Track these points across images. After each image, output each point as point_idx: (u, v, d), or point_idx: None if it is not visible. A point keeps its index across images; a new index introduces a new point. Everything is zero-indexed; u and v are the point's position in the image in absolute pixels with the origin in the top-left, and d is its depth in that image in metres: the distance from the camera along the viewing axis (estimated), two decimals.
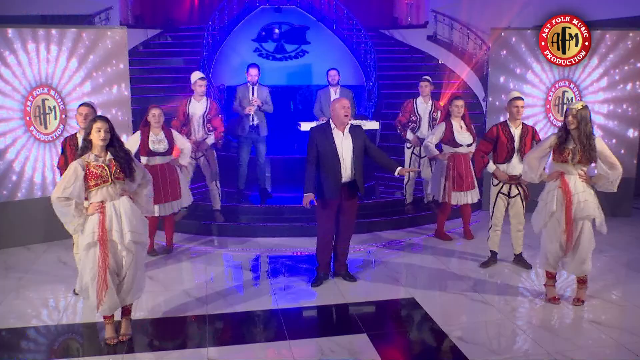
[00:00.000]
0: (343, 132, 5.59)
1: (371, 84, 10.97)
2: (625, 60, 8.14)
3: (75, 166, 4.35)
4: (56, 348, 4.65)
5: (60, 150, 5.77)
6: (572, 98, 8.27)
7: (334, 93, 8.40)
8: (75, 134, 5.66)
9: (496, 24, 10.37)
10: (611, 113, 8.29)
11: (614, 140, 8.25)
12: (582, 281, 5.36)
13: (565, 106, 8.30)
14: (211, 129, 7.60)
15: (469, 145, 7.08)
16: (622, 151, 8.18)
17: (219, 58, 12.16)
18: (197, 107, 7.57)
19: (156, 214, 6.48)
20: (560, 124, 8.18)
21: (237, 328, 5.06)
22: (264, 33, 12.72)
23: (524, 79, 8.40)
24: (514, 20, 11.27)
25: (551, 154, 5.24)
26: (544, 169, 5.34)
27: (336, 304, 5.42)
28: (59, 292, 5.69)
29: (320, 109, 8.49)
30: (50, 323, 5.04)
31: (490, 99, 8.57)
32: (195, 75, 7.64)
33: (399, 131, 8.20)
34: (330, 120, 5.68)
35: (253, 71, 8.20)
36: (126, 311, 4.70)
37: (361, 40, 12.37)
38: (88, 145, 4.43)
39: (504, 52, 8.43)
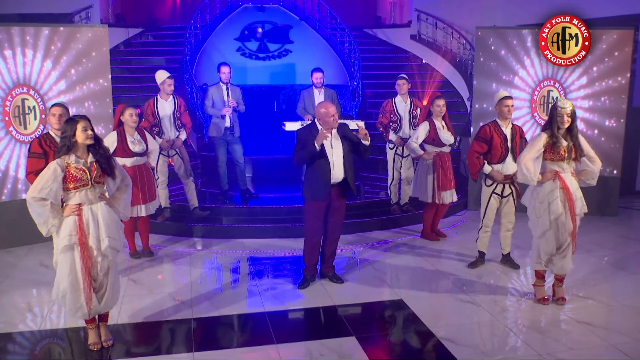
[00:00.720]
0: (331, 133, 5.50)
1: (355, 83, 10.91)
2: (608, 58, 8.14)
3: (54, 167, 4.20)
4: (37, 354, 4.53)
5: (30, 152, 5.49)
6: (557, 97, 8.26)
7: (318, 93, 8.33)
8: (48, 132, 5.51)
9: (479, 23, 10.39)
10: (596, 112, 8.30)
11: (602, 138, 8.27)
12: (561, 279, 5.36)
13: (550, 105, 8.29)
14: (181, 125, 7.54)
15: (450, 145, 7.07)
16: (609, 148, 8.22)
17: (201, 57, 12.03)
18: (166, 106, 7.49)
19: (134, 215, 6.36)
20: (545, 122, 8.30)
21: (223, 332, 4.96)
22: (246, 32, 12.60)
23: (509, 79, 8.38)
24: (498, 19, 11.29)
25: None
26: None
27: (324, 306, 5.35)
28: (40, 297, 5.55)
29: (304, 109, 8.41)
30: (32, 328, 4.89)
31: (475, 101, 8.54)
32: (163, 74, 7.52)
33: (381, 132, 8.12)
34: (316, 121, 5.59)
35: (225, 69, 8.06)
36: (104, 317, 4.58)
37: (345, 39, 12.30)
38: (70, 145, 4.25)
39: (489, 51, 8.40)
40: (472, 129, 8.69)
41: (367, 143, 5.48)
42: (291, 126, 8.10)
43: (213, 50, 12.23)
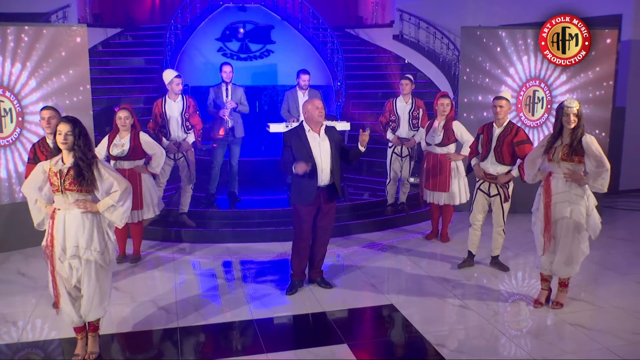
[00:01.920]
0: (319, 134, 5.38)
1: (339, 84, 10.80)
2: (593, 58, 8.12)
3: (40, 168, 4.19)
4: None
5: (27, 159, 5.45)
6: (542, 97, 8.24)
7: (302, 95, 8.20)
8: (44, 137, 5.38)
9: (462, 23, 10.35)
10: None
11: None
12: (563, 284, 5.28)
13: (536, 105, 8.28)
14: (190, 127, 7.31)
15: (439, 145, 6.96)
16: None
17: (182, 58, 11.83)
18: (174, 106, 7.25)
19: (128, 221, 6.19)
20: (531, 122, 8.29)
21: (211, 341, 4.81)
22: (228, 32, 12.42)
23: (495, 79, 8.32)
24: (480, 19, 11.27)
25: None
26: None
27: (314, 312, 5.22)
28: (17, 306, 5.33)
29: (287, 110, 8.27)
30: (10, 341, 4.69)
31: (461, 101, 8.47)
32: (171, 74, 7.29)
33: (380, 131, 8.06)
34: (304, 122, 5.46)
35: (227, 68, 7.94)
36: (91, 327, 4.40)
37: (327, 39, 12.18)
38: (56, 148, 4.17)
39: (475, 51, 8.34)
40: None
41: (362, 149, 5.32)
42: (275, 128, 7.97)
43: (194, 51, 12.04)
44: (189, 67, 11.61)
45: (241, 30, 12.38)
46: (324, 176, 5.38)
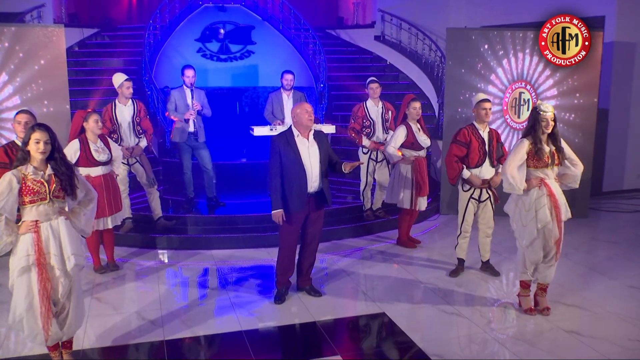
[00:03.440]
0: (308, 139, 5.23)
1: (322, 85, 10.65)
2: (579, 60, 8.08)
3: (10, 177, 3.81)
4: None
5: None
6: (528, 99, 8.19)
7: (287, 97, 8.05)
8: (14, 141, 5.15)
9: (445, 24, 10.29)
10: (566, 114, 8.24)
11: (576, 139, 8.19)
12: (545, 288, 5.22)
13: (522, 107, 8.23)
14: (141, 132, 7.11)
15: (427, 148, 6.91)
16: (579, 149, 8.13)
17: (160, 59, 11.58)
18: (125, 111, 7.04)
19: (100, 227, 5.99)
20: (517, 125, 8.23)
21: (198, 354, 4.64)
22: (207, 32, 12.20)
23: (481, 80, 8.26)
24: (462, 20, 11.24)
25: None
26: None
27: (304, 322, 5.06)
28: None
29: (271, 112, 8.10)
30: None
31: (446, 104, 8.40)
32: (121, 77, 7.06)
33: (354, 139, 7.82)
34: (292, 126, 5.31)
35: (189, 72, 7.66)
36: (67, 345, 4.21)
37: (309, 40, 12.03)
38: (26, 156, 3.90)
39: (460, 52, 8.26)
40: (442, 132, 8.56)
41: (345, 172, 5.25)
42: (260, 131, 7.80)
43: (173, 52, 11.80)
44: (168, 68, 11.37)
45: (222, 31, 12.17)
46: (313, 182, 5.23)
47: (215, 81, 11.66)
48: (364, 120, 7.67)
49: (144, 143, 7.15)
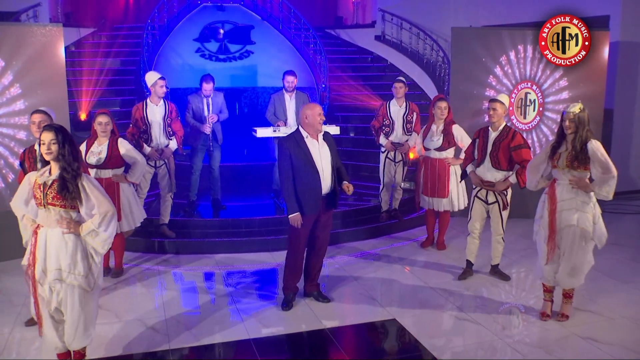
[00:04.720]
0: (318, 140, 5.11)
1: (323, 85, 10.52)
2: (585, 60, 7.98)
3: (27, 180, 3.90)
4: None
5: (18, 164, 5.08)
6: (534, 100, 8.08)
7: (289, 98, 7.90)
8: (34, 145, 5.00)
9: (446, 24, 10.19)
10: None
11: None
12: (567, 295, 5.08)
13: (528, 108, 8.12)
14: (172, 133, 6.92)
15: (438, 150, 6.74)
16: None
17: (159, 59, 11.41)
18: (156, 111, 6.84)
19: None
20: (523, 126, 8.12)
21: None
22: (206, 32, 12.05)
23: (486, 81, 8.13)
24: (461, 20, 11.13)
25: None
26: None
27: (313, 329, 4.93)
28: None
29: (274, 114, 7.95)
30: None
31: (452, 103, 8.25)
32: (154, 75, 6.88)
33: (373, 136, 7.78)
34: (301, 128, 5.18)
35: (207, 86, 7.52)
36: (77, 355, 4.06)
37: (310, 40, 11.89)
38: (42, 157, 3.84)
39: (465, 52, 8.13)
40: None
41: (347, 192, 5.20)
42: (263, 132, 7.66)
43: (171, 52, 11.64)
44: (167, 69, 11.18)
45: (221, 30, 12.01)
46: (326, 183, 5.12)
47: (215, 82, 11.49)
48: (384, 119, 7.57)
49: (174, 145, 6.95)
